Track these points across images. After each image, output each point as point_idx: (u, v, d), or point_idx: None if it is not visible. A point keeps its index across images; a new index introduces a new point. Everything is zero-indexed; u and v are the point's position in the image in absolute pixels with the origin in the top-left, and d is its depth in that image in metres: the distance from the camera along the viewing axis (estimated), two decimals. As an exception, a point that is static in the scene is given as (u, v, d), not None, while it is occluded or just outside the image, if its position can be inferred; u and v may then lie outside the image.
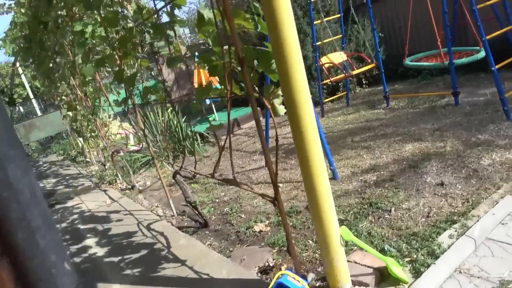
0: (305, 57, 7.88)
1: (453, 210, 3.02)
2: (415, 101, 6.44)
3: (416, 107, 6.19)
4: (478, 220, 2.61)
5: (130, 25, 3.34)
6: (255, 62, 2.11)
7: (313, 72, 8.00)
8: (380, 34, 8.95)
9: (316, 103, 7.42)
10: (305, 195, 4.11)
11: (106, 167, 7.56)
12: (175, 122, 7.22)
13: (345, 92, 7.49)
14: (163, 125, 7.18)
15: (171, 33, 2.82)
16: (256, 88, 2.09)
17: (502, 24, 6.53)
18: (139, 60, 3.87)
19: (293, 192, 4.24)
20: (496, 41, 6.79)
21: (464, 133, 4.53)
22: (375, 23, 8.94)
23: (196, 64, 8.24)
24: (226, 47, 2.04)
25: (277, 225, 3.63)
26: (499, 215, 2.63)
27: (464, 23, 7.79)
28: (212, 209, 4.49)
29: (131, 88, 3.54)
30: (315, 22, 7.22)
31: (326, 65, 5.43)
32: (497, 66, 4.53)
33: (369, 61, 5.62)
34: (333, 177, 4.25)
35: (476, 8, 4.49)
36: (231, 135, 7.90)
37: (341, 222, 3.29)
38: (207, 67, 2.33)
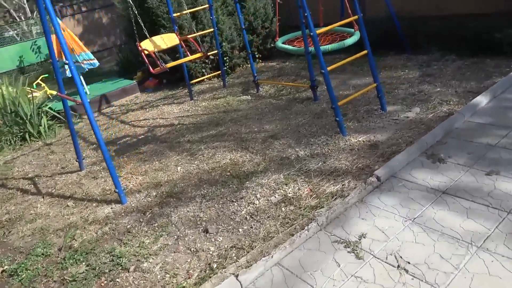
0: (181, 27, 6.78)
1: (182, 283, 2.35)
2: (282, 90, 5.67)
3: (280, 97, 5.44)
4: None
5: None
6: None
7: (192, 44, 6.96)
8: (279, 1, 7.90)
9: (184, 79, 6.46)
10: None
11: None
12: (18, 98, 6.08)
13: (220, 72, 6.58)
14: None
15: None
16: None
17: (389, 4, 5.76)
18: None
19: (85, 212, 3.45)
20: (383, 23, 6.06)
21: (292, 145, 3.85)
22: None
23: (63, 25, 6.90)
24: None
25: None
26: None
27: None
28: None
29: None
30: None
31: (146, 52, 4.44)
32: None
33: (199, 49, 4.68)
34: (120, 201, 3.48)
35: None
36: (97, 114, 6.90)
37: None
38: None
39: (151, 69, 4.19)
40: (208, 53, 4.94)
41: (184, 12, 5.91)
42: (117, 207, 3.45)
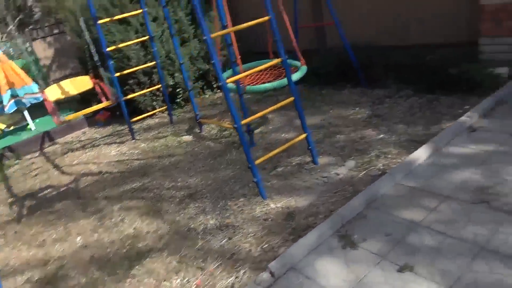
0: (128, 58, 6.34)
1: None
2: (225, 130, 5.20)
3: (221, 139, 4.97)
4: None
5: None
6: None
7: (141, 76, 6.55)
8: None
9: (136, 112, 5.97)
10: None
11: None
12: None
13: (165, 107, 6.14)
14: None
15: None
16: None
17: (340, 31, 5.31)
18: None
19: None
20: (341, 54, 5.58)
21: (206, 210, 3.38)
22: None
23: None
24: None
25: None
26: None
27: (313, 25, 6.54)
28: None
29: None
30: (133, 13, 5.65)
31: (52, 99, 3.95)
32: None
33: (109, 96, 4.19)
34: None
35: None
36: (38, 153, 6.42)
37: None
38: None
39: (54, 120, 3.73)
40: (113, 100, 4.26)
41: (121, 45, 5.47)
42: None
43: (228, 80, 3.28)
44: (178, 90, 6.82)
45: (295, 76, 4.51)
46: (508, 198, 2.58)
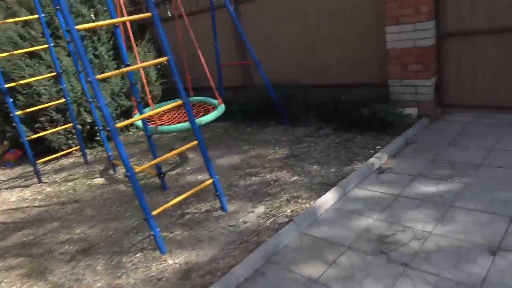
0: (39, 94, 5.85)
1: None
2: (140, 172, 4.85)
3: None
4: None
5: None
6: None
7: (53, 113, 6.05)
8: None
9: (50, 152, 5.42)
10: None
11: None
12: None
13: (78, 147, 5.70)
14: None
15: None
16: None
17: (260, 70, 5.28)
18: None
19: None
20: (265, 92, 5.54)
21: (97, 268, 2.98)
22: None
23: None
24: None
25: None
26: None
27: (233, 63, 6.52)
28: None
29: None
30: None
31: None
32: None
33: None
34: None
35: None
36: None
37: None
38: None
39: None
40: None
41: (22, 82, 5.02)
42: None
43: (125, 122, 3.01)
44: (97, 127, 6.39)
45: (211, 116, 4.35)
46: (406, 248, 2.50)
